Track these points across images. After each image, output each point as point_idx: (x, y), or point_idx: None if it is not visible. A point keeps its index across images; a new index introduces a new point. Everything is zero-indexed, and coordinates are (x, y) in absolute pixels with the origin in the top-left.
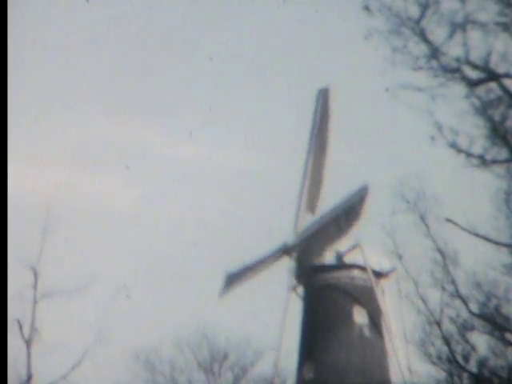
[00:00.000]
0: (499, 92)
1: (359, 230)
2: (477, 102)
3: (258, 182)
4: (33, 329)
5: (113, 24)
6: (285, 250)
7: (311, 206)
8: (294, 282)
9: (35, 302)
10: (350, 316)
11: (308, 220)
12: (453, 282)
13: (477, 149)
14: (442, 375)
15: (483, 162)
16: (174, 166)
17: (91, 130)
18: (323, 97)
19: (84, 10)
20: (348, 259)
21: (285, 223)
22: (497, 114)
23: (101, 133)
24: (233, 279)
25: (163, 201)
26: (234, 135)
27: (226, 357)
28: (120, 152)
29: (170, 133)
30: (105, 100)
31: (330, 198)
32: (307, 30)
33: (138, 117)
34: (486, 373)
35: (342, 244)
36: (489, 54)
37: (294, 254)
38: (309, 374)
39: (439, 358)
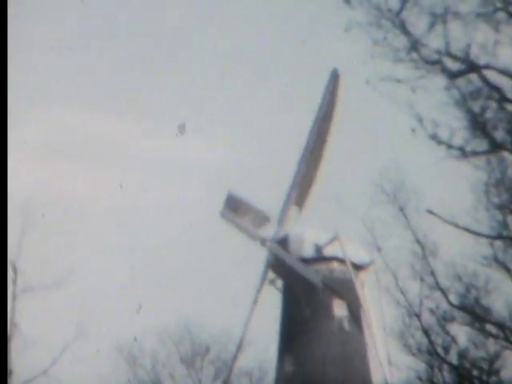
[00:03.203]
0: (479, 83)
1: (338, 223)
2: (457, 94)
3: (241, 174)
4: (12, 324)
5: (99, 21)
6: (264, 244)
7: (300, 201)
8: (271, 274)
9: (15, 297)
10: (329, 309)
11: (294, 214)
12: (432, 274)
13: (457, 140)
14: (422, 367)
15: (463, 153)
16: (153, 159)
17: (70, 125)
18: (334, 79)
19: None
20: (327, 252)
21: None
22: (477, 106)
23: (80, 127)
24: (233, 202)
25: (143, 194)
26: (219, 128)
27: (207, 351)
28: (99, 146)
29: (149, 126)
30: (84, 94)
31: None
32: (288, 23)
33: (118, 111)
34: (466, 364)
35: (321, 237)
36: (469, 46)
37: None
38: (289, 367)
39: (419, 349)
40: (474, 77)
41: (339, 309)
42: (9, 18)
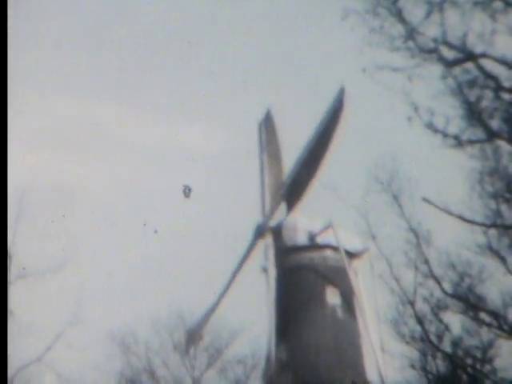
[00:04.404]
0: (476, 72)
1: (332, 210)
2: (453, 83)
3: (224, 162)
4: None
5: (98, 14)
6: (259, 233)
7: (290, 202)
8: (272, 259)
9: (9, 283)
10: (322, 296)
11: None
12: (426, 262)
13: (453, 129)
14: (416, 355)
15: (459, 142)
16: (143, 146)
17: (61, 113)
18: (340, 96)
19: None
20: (321, 239)
21: (252, 203)
22: (473, 95)
23: (76, 117)
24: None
25: (139, 183)
26: (203, 116)
27: (201, 338)
28: (91, 134)
29: (139, 113)
30: (81, 84)
31: None
32: (282, 11)
33: (110, 98)
34: (459, 352)
35: (315, 224)
36: (466, 34)
37: (268, 234)
38: (282, 355)
39: (412, 337)
40: (470, 65)
41: (332, 297)
42: (9, 17)
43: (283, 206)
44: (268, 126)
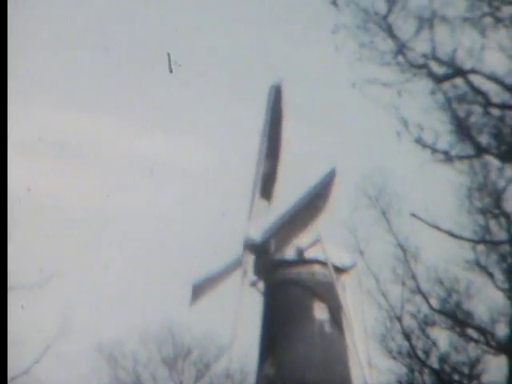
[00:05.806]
0: (465, 88)
1: (320, 225)
2: (443, 98)
3: (210, 175)
4: None
5: (92, 21)
6: (248, 247)
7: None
8: (251, 276)
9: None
10: (310, 311)
11: (264, 208)
12: (414, 278)
13: (442, 144)
14: (403, 370)
15: (448, 157)
16: (130, 160)
17: (48, 124)
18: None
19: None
20: (309, 254)
21: (240, 213)
22: (462, 110)
23: (66, 127)
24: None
25: (129, 195)
26: (187, 129)
27: (189, 352)
28: (80, 146)
29: (126, 126)
30: (61, 93)
31: (291, 188)
32: (273, 24)
33: (96, 111)
34: (446, 368)
35: (303, 239)
36: (455, 50)
37: (256, 249)
38: (269, 370)
39: (400, 353)
40: (459, 81)
41: (320, 312)
42: (9, 17)
43: (263, 202)
44: (276, 102)
